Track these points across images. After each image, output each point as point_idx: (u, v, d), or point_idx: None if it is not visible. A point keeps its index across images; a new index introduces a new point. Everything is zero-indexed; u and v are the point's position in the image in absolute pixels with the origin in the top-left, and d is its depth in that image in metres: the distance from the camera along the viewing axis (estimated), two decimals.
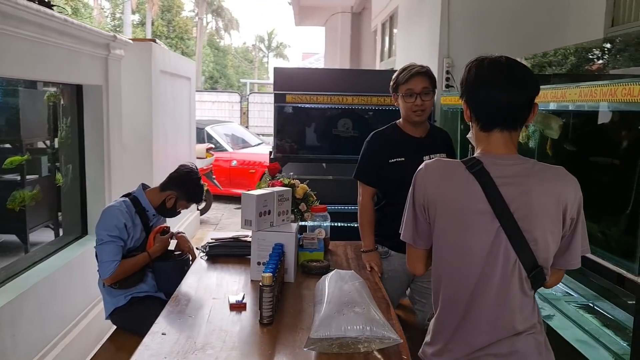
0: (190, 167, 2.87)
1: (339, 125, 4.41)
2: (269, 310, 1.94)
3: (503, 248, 1.45)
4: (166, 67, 5.26)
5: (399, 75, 2.64)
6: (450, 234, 1.50)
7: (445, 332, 1.55)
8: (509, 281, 1.46)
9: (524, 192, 1.44)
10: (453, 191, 1.49)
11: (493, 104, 1.47)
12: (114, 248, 2.61)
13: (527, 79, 1.47)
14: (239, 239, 2.84)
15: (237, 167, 8.46)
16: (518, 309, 1.48)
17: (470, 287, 1.49)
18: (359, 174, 2.78)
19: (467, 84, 1.52)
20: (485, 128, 1.51)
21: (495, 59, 1.50)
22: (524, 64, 1.50)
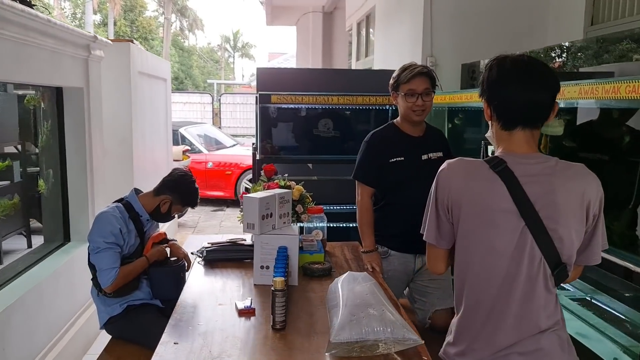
0: (184, 170, 2.81)
1: (325, 126, 4.40)
2: (282, 315, 1.91)
3: (528, 247, 1.45)
4: (144, 68, 5.15)
5: (400, 74, 2.63)
6: (476, 234, 1.50)
7: (470, 332, 1.54)
8: (535, 280, 1.47)
9: (549, 190, 1.45)
10: (478, 191, 1.49)
11: (516, 102, 1.47)
12: (112, 255, 2.53)
13: (549, 77, 1.47)
14: (236, 242, 2.79)
15: (212, 169, 8.35)
16: (542, 306, 1.49)
17: (496, 287, 1.49)
18: (359, 174, 2.76)
19: (488, 83, 1.52)
20: (507, 127, 1.51)
21: (517, 57, 1.50)
22: (544, 62, 1.51)
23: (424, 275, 2.76)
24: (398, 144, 2.68)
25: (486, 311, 1.51)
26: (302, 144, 4.44)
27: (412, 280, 2.79)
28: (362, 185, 2.75)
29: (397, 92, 2.65)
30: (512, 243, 1.46)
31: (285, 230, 2.45)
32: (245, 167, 8.37)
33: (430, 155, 2.71)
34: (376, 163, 2.68)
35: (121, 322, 2.62)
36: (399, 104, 2.67)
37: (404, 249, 2.73)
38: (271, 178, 2.89)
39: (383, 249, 2.73)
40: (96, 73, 3.89)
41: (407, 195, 2.68)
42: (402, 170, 2.67)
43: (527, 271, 1.47)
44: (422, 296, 2.74)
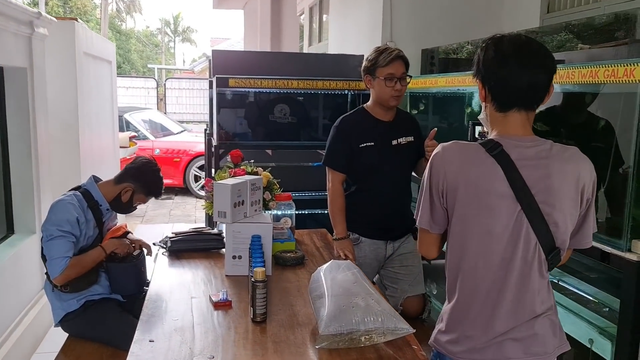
0: (148, 158, 2.65)
1: (282, 111, 4.29)
2: (263, 307, 1.82)
3: (524, 231, 1.43)
4: (89, 49, 4.85)
5: (377, 57, 2.54)
6: (472, 219, 1.46)
7: (464, 320, 1.51)
8: (530, 264, 1.45)
9: (546, 175, 1.42)
10: (474, 175, 1.45)
11: (513, 82, 1.43)
12: (64, 244, 2.35)
13: (547, 57, 1.44)
14: (202, 231, 2.67)
15: (160, 156, 8.05)
16: (537, 291, 1.48)
17: (492, 272, 1.46)
18: (329, 160, 2.69)
19: (484, 63, 1.47)
20: (503, 108, 1.47)
21: (515, 36, 1.46)
22: (541, 42, 1.48)
23: (395, 262, 2.74)
24: (368, 129, 2.63)
25: (482, 298, 1.48)
26: (259, 130, 4.31)
27: (382, 267, 2.76)
28: (332, 171, 2.68)
29: (373, 76, 2.55)
30: (509, 227, 1.43)
31: (258, 219, 2.35)
32: (194, 154, 8.14)
33: (400, 140, 2.67)
34: (346, 148, 2.62)
35: (79, 319, 2.46)
36: (373, 88, 2.59)
37: (375, 236, 2.69)
38: (238, 164, 2.77)
39: (354, 235, 2.68)
40: (40, 53, 3.62)
41: (378, 181, 2.65)
42: (372, 155, 2.62)
43: (522, 255, 1.44)
44: (393, 283, 2.72)
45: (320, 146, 4.88)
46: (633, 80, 1.78)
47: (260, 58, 4.75)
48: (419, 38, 4.36)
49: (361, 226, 2.69)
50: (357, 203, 2.68)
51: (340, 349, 1.62)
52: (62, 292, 2.43)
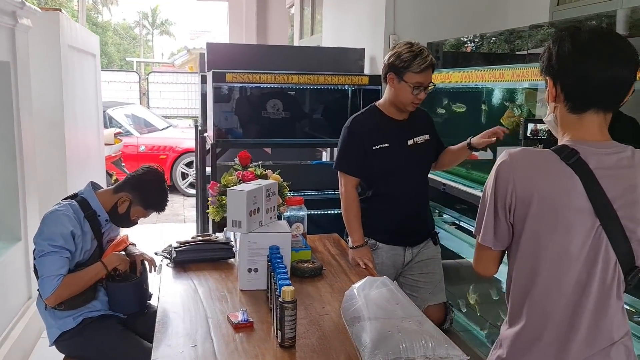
0: (152, 167, 2.42)
1: (282, 107, 4.09)
2: (292, 330, 1.64)
3: (603, 250, 1.27)
4: (74, 41, 4.57)
5: (412, 61, 2.30)
6: (546, 237, 1.28)
7: (532, 348, 1.34)
8: (609, 286, 1.29)
9: (630, 187, 1.26)
10: (549, 187, 1.27)
11: (594, 79, 1.26)
12: (57, 260, 2.13)
13: (632, 51, 1.27)
14: (210, 240, 2.46)
15: (145, 153, 7.78)
16: (614, 315, 1.32)
17: (566, 296, 1.30)
18: (341, 164, 2.52)
19: (558, 59, 1.30)
20: (579, 109, 1.30)
21: (594, 28, 1.30)
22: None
23: (414, 270, 2.57)
24: (381, 129, 2.46)
25: (554, 324, 1.31)
26: (258, 127, 4.10)
27: (400, 274, 2.59)
28: (345, 175, 2.50)
29: (400, 77, 2.34)
30: (586, 246, 1.26)
31: (274, 227, 2.16)
32: (181, 151, 7.88)
33: (417, 140, 2.51)
34: (359, 151, 2.45)
35: (77, 338, 2.24)
36: (394, 89, 2.39)
37: (392, 242, 2.52)
38: (246, 166, 2.58)
39: (371, 241, 2.51)
40: (24, 45, 3.36)
41: (394, 184, 2.49)
42: (387, 157, 2.45)
43: (600, 277, 1.28)
44: (413, 291, 2.55)
45: (321, 144, 4.71)
46: None
47: (257, 52, 4.55)
48: (423, 31, 4.18)
49: (378, 232, 2.52)
50: (373, 208, 2.51)
51: None
52: (56, 309, 2.21)
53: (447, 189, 3.21)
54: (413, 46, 2.35)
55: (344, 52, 4.52)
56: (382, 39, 4.25)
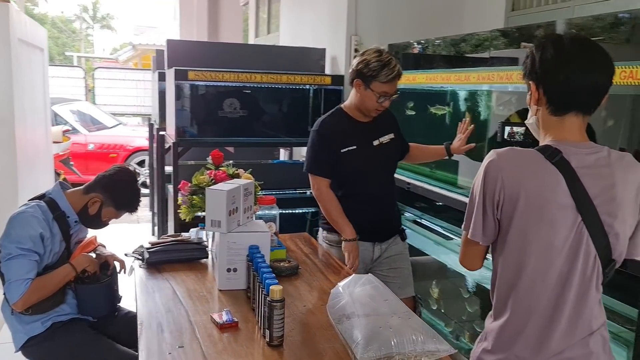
0: (124, 167, 2.37)
1: (244, 106, 4.07)
2: (281, 329, 1.65)
3: (584, 244, 1.35)
4: (24, 35, 4.38)
5: (380, 70, 2.34)
6: (533, 232, 1.36)
7: (516, 339, 1.41)
8: (589, 279, 1.37)
9: (609, 185, 1.35)
10: (536, 184, 1.35)
11: (574, 84, 1.34)
12: (25, 264, 2.06)
13: (609, 59, 1.36)
14: (183, 240, 2.43)
15: (94, 152, 7.55)
16: (594, 307, 1.40)
17: (549, 289, 1.37)
18: (312, 167, 2.58)
19: (542, 64, 1.37)
20: (560, 112, 1.38)
21: (576, 35, 1.39)
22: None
23: (383, 265, 2.64)
24: (349, 132, 2.53)
25: (538, 316, 1.38)
26: (220, 126, 4.06)
27: (370, 270, 2.63)
28: (317, 177, 2.56)
29: (366, 85, 2.39)
30: (568, 240, 1.34)
31: (252, 227, 2.16)
32: (132, 150, 7.69)
33: (382, 140, 2.59)
34: (328, 153, 2.52)
35: (46, 344, 2.16)
36: (360, 95, 2.45)
37: (362, 238, 2.57)
38: (219, 165, 2.56)
39: (341, 237, 2.56)
40: None
41: (363, 184, 2.56)
42: (355, 159, 2.52)
43: (581, 270, 1.36)
44: None
45: (284, 143, 4.72)
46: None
47: (218, 49, 4.50)
48: (384, 32, 4.26)
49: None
50: (343, 207, 2.56)
51: None
52: (23, 314, 2.13)
53: (412, 188, 3.29)
54: (382, 55, 2.38)
55: (305, 51, 4.54)
56: (343, 40, 4.30)
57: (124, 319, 2.37)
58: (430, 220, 3.55)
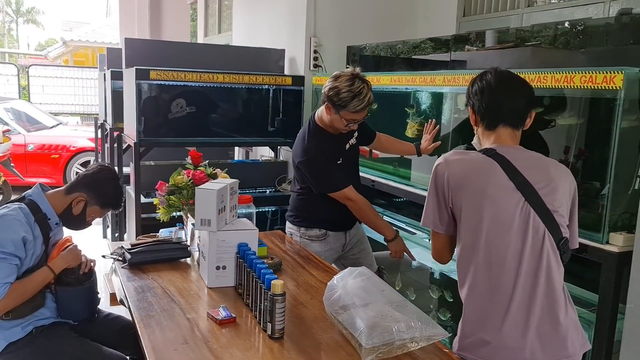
0: (106, 165, 2.35)
1: (205, 106, 4.09)
2: (282, 322, 1.72)
3: (532, 220, 1.58)
4: None
5: (350, 101, 2.40)
6: (480, 210, 1.60)
7: (489, 320, 1.60)
8: (540, 252, 1.58)
9: (546, 177, 1.61)
10: (475, 173, 1.64)
11: (497, 106, 1.68)
12: (5, 268, 2.01)
13: (525, 86, 1.71)
14: (165, 240, 2.44)
15: (34, 153, 7.24)
16: (554, 280, 1.61)
17: (506, 265, 1.58)
18: (336, 184, 2.61)
19: (474, 93, 1.71)
20: (491, 126, 1.69)
21: (497, 71, 1.71)
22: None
23: (354, 249, 2.87)
24: (333, 150, 2.65)
25: (506, 295, 1.60)
26: (179, 125, 4.04)
27: (341, 256, 2.85)
28: (346, 190, 2.61)
29: (336, 111, 2.46)
30: (515, 217, 1.58)
31: (239, 225, 2.20)
32: (76, 150, 7.43)
33: (351, 142, 2.76)
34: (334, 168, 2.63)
35: (27, 349, 2.11)
36: (330, 117, 2.52)
37: (337, 228, 2.77)
38: (197, 165, 2.58)
39: (321, 231, 2.73)
40: None
41: None
42: (342, 168, 2.68)
43: (532, 243, 1.58)
44: (356, 267, 2.78)
45: (247, 143, 4.74)
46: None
47: (176, 49, 4.47)
48: (343, 34, 4.38)
49: (327, 222, 2.74)
50: (324, 203, 2.68)
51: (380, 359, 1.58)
52: (2, 320, 2.08)
53: (376, 185, 3.42)
54: (353, 84, 2.39)
55: (265, 52, 4.59)
56: (302, 41, 4.38)
57: (105, 321, 2.36)
58: (392, 217, 3.70)
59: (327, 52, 4.38)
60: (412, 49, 3.99)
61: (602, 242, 2.04)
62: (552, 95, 2.28)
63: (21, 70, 11.26)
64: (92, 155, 7.29)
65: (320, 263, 2.47)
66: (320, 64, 4.37)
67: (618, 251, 1.99)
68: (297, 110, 4.27)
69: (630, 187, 2.04)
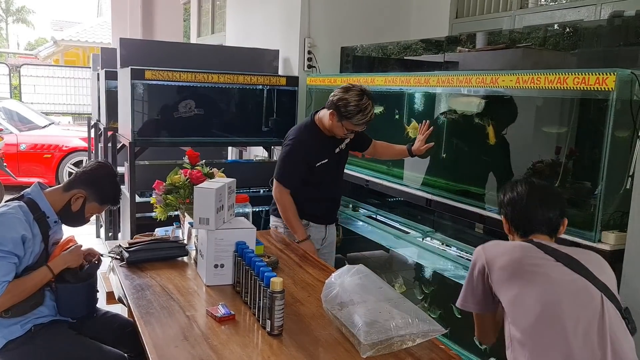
0: (103, 162, 2.36)
1: (200, 106, 4.09)
2: (281, 319, 1.74)
3: (583, 286, 1.54)
4: None
5: (355, 114, 2.58)
6: (524, 279, 1.57)
7: None
8: (601, 317, 1.50)
9: (586, 254, 1.63)
10: (517, 253, 1.62)
11: (532, 218, 1.70)
12: (4, 266, 2.01)
13: (560, 198, 1.74)
14: (162, 239, 2.45)
15: (27, 152, 7.20)
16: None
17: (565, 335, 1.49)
18: (283, 179, 2.80)
19: (506, 204, 1.75)
20: (526, 235, 1.71)
21: (529, 182, 1.74)
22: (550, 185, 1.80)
23: (327, 247, 3.05)
24: (322, 147, 2.79)
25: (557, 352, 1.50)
26: (175, 126, 4.04)
27: (318, 249, 2.94)
28: (282, 186, 2.80)
29: (340, 119, 2.64)
30: (565, 283, 1.55)
31: (237, 224, 2.22)
32: (68, 150, 7.40)
33: (341, 147, 2.89)
34: (303, 169, 2.78)
35: (26, 347, 2.12)
36: (332, 122, 2.68)
37: (319, 221, 2.95)
38: (195, 165, 2.60)
39: (304, 222, 2.86)
40: None
41: (325, 182, 2.89)
42: (325, 170, 2.81)
43: (592, 308, 1.52)
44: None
45: (241, 143, 4.75)
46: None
47: (170, 49, 4.47)
48: (336, 35, 4.41)
49: (309, 215, 2.89)
50: (307, 198, 2.85)
51: (378, 355, 1.61)
52: (1, 317, 2.08)
53: (370, 185, 3.45)
54: (362, 100, 2.59)
55: (259, 52, 4.60)
56: (296, 42, 4.40)
57: (102, 319, 2.36)
58: (386, 216, 3.73)
59: (321, 52, 4.41)
60: (403, 50, 4.04)
61: (594, 241, 2.08)
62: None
63: (12, 69, 11.18)
64: (85, 155, 7.27)
65: (316, 261, 2.50)
66: (314, 65, 4.40)
67: (610, 249, 2.03)
68: (291, 111, 4.28)
69: (622, 186, 2.08)
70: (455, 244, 3.08)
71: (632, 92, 2.00)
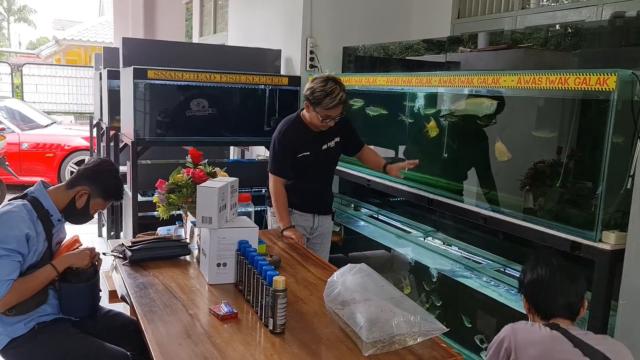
0: (104, 158, 2.38)
1: (203, 105, 4.10)
2: (284, 317, 1.75)
3: None
4: None
5: (322, 99, 2.73)
6: None
7: None
8: None
9: (607, 347, 1.61)
10: (548, 344, 1.61)
11: (553, 301, 1.70)
12: (8, 264, 2.02)
13: (579, 281, 1.71)
14: (165, 238, 2.47)
15: (29, 151, 7.22)
16: None
17: None
18: (275, 169, 2.97)
19: (527, 284, 1.75)
20: (545, 318, 1.70)
21: (551, 263, 1.73)
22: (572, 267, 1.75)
23: (317, 238, 3.13)
24: (304, 141, 2.93)
25: None
26: (178, 125, 4.06)
27: (308, 239, 3.05)
28: (275, 177, 2.96)
29: (313, 107, 2.79)
30: None
31: (240, 223, 2.24)
32: (70, 149, 7.42)
33: (329, 144, 3.01)
34: (288, 158, 2.93)
35: (29, 345, 2.13)
36: (309, 113, 2.84)
37: (303, 210, 3.04)
38: (197, 164, 2.61)
39: (289, 209, 2.97)
40: None
41: (310, 176, 3.01)
42: (308, 161, 2.95)
43: None
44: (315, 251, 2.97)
45: (243, 142, 4.76)
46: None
47: (173, 49, 4.48)
48: (338, 35, 4.42)
49: (292, 203, 2.99)
50: (293, 190, 2.97)
51: (380, 354, 1.62)
52: (6, 315, 2.09)
53: (372, 184, 3.46)
54: (327, 85, 2.74)
55: (261, 52, 4.62)
56: (299, 42, 4.41)
57: (105, 317, 2.37)
58: (387, 215, 3.74)
59: (323, 52, 4.42)
60: (405, 50, 4.05)
61: (595, 240, 2.08)
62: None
63: (14, 68, 11.20)
64: (87, 154, 7.28)
65: (318, 260, 2.51)
66: (316, 65, 4.41)
67: (611, 249, 2.03)
68: (293, 110, 4.27)
69: (622, 186, 2.09)
70: (457, 243, 3.09)
71: (633, 92, 2.01)
